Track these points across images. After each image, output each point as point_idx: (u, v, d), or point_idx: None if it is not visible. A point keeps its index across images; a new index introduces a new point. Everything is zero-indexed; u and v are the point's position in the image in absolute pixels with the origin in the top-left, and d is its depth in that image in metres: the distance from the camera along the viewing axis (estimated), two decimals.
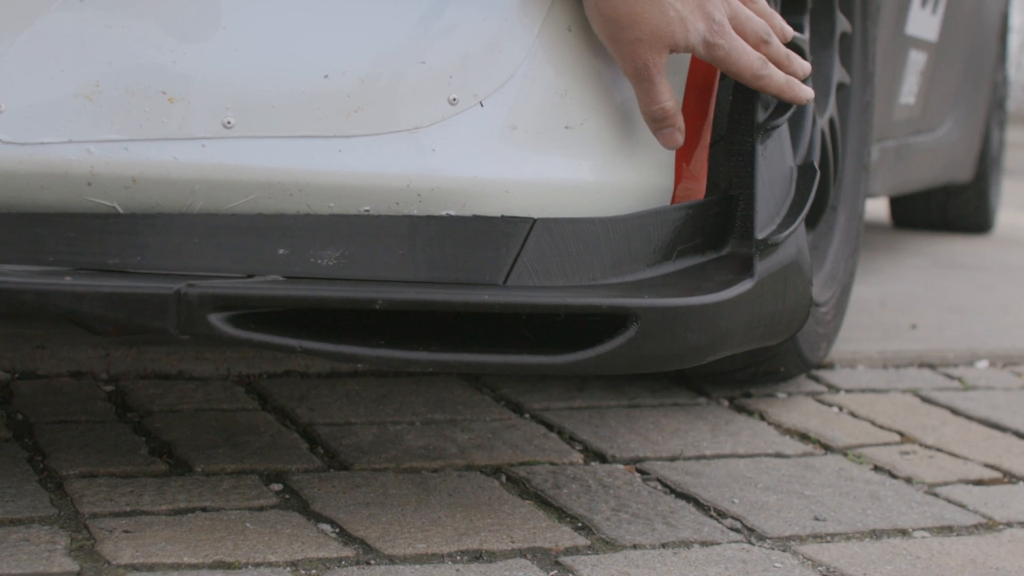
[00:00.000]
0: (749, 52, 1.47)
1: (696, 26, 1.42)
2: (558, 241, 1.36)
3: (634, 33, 1.40)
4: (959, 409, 2.07)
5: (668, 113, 1.44)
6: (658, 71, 1.42)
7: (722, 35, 1.45)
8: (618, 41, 1.41)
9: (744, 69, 1.47)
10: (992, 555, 1.46)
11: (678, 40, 1.42)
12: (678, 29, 1.41)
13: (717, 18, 1.44)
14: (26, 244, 1.27)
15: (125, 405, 1.78)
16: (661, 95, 1.43)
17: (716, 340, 1.38)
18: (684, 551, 1.40)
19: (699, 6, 1.43)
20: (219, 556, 1.28)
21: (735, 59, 1.46)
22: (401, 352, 1.27)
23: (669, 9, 1.41)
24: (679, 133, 1.45)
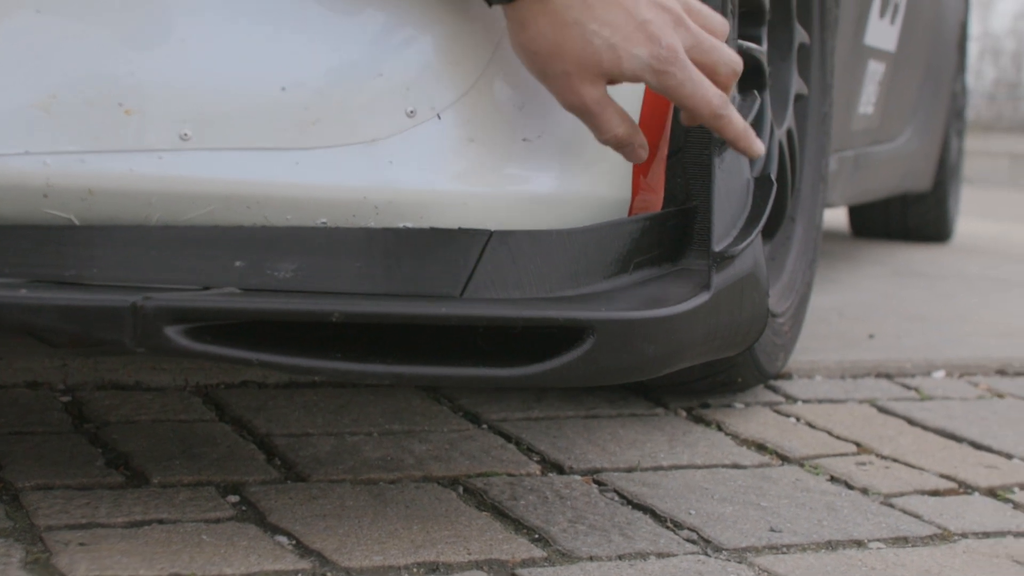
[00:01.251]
0: (708, 86, 1.36)
1: (633, 52, 1.32)
2: (515, 253, 1.36)
3: (560, 66, 1.32)
4: (916, 419, 2.08)
5: (622, 140, 1.37)
6: (597, 102, 1.34)
7: (674, 63, 1.34)
8: (547, 76, 1.34)
9: (701, 104, 1.36)
10: (947, 566, 1.46)
11: (609, 68, 1.33)
12: (606, 57, 1.32)
13: (666, 43, 1.33)
14: None
15: (82, 416, 1.77)
16: (609, 124, 1.36)
17: (673, 352, 1.38)
18: (640, 563, 1.40)
19: (639, 29, 1.33)
20: (175, 569, 1.28)
21: (690, 91, 1.35)
22: (357, 365, 1.27)
23: (594, 37, 1.32)
24: (641, 149, 1.40)
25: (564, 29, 1.31)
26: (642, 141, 1.40)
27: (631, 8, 1.33)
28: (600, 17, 1.31)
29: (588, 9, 1.31)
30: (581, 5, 1.31)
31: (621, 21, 1.32)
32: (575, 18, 1.31)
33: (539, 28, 1.31)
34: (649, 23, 1.33)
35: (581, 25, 1.31)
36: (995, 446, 1.97)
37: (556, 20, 1.31)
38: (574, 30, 1.31)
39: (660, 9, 1.34)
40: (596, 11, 1.31)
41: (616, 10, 1.32)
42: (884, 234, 4.82)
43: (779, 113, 2.10)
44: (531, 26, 1.31)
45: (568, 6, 1.31)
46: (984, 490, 1.76)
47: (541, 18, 1.31)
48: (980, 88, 21.99)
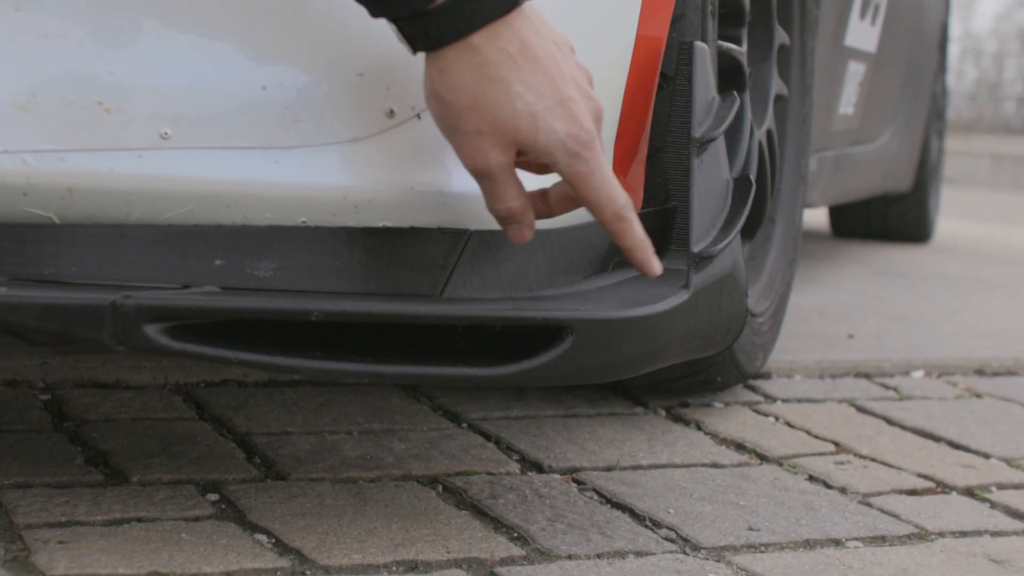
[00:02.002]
0: (616, 183, 1.29)
1: (552, 126, 1.24)
2: (494, 253, 1.37)
3: (475, 124, 1.25)
4: (894, 419, 2.09)
5: (514, 213, 1.30)
6: (502, 169, 1.27)
7: (590, 148, 1.26)
8: (457, 131, 1.26)
9: (606, 200, 1.28)
10: (924, 565, 1.47)
11: (525, 138, 1.25)
12: (525, 125, 1.24)
13: (586, 126, 1.26)
14: None
15: (61, 414, 1.77)
16: (506, 196, 1.29)
17: (652, 352, 1.39)
18: (619, 561, 1.41)
19: (562, 104, 1.25)
20: (154, 567, 1.28)
21: (598, 183, 1.27)
22: (337, 363, 1.27)
23: (518, 100, 1.24)
24: (528, 230, 1.31)
25: (489, 85, 1.24)
26: (531, 220, 1.31)
27: (557, 80, 1.26)
28: (527, 80, 1.24)
29: (516, 69, 1.24)
30: (510, 63, 1.24)
31: (547, 91, 1.25)
32: (502, 75, 1.24)
33: (462, 79, 1.24)
34: (572, 101, 1.26)
35: (507, 84, 1.24)
36: (973, 446, 1.98)
37: (482, 74, 1.24)
38: (499, 87, 1.24)
39: (581, 93, 1.27)
40: (524, 73, 1.24)
41: (543, 78, 1.25)
42: (865, 234, 4.83)
43: (759, 114, 2.11)
44: (453, 76, 1.24)
45: (498, 62, 1.23)
46: (962, 489, 1.77)
47: (466, 69, 1.24)
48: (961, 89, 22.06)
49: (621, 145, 1.52)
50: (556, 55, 1.27)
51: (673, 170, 1.54)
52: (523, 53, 1.24)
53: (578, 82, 1.28)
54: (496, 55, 1.23)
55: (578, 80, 1.28)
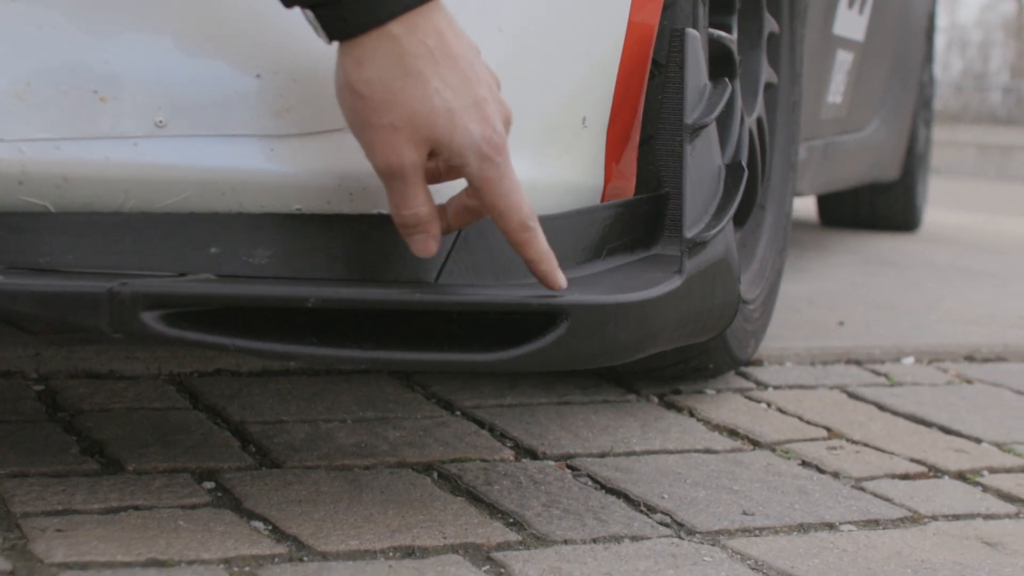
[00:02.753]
0: (522, 192, 1.26)
1: (468, 126, 1.21)
2: (489, 239, 1.37)
3: (389, 118, 1.21)
4: (886, 405, 2.10)
5: (422, 220, 1.26)
6: (414, 168, 1.23)
7: (502, 153, 1.23)
8: (369, 126, 1.22)
9: (513, 208, 1.25)
10: (918, 548, 1.48)
11: (441, 136, 1.21)
12: (442, 122, 1.21)
13: (499, 129, 1.23)
14: None
15: (55, 404, 1.78)
16: (416, 199, 1.25)
17: (646, 337, 1.39)
18: (615, 546, 1.41)
19: (477, 105, 1.22)
20: (152, 554, 1.29)
21: (506, 190, 1.24)
22: (333, 350, 1.27)
23: (435, 96, 1.21)
24: (434, 241, 1.27)
25: (406, 78, 1.20)
26: (437, 232, 1.28)
27: (472, 80, 1.23)
28: (444, 76, 1.21)
29: (434, 64, 1.21)
30: (428, 57, 1.21)
31: (463, 89, 1.22)
32: (420, 69, 1.21)
33: (378, 70, 1.21)
34: (486, 102, 1.23)
35: (425, 79, 1.21)
36: (964, 431, 1.99)
37: (399, 66, 1.20)
38: (417, 82, 1.20)
39: (493, 95, 1.25)
40: (441, 69, 1.21)
41: (459, 75, 1.22)
42: (853, 223, 4.84)
43: (749, 101, 2.12)
44: (369, 66, 1.21)
45: (416, 55, 1.20)
46: (954, 474, 1.77)
47: (384, 60, 1.20)
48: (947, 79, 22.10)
49: (614, 132, 1.53)
50: (470, 54, 1.24)
51: (665, 156, 1.54)
52: (441, 48, 1.21)
53: (490, 84, 1.25)
54: (415, 47, 1.20)
55: (489, 83, 1.25)
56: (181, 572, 1.26)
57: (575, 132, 1.48)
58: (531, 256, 1.29)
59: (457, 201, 1.31)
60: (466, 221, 1.32)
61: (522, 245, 1.28)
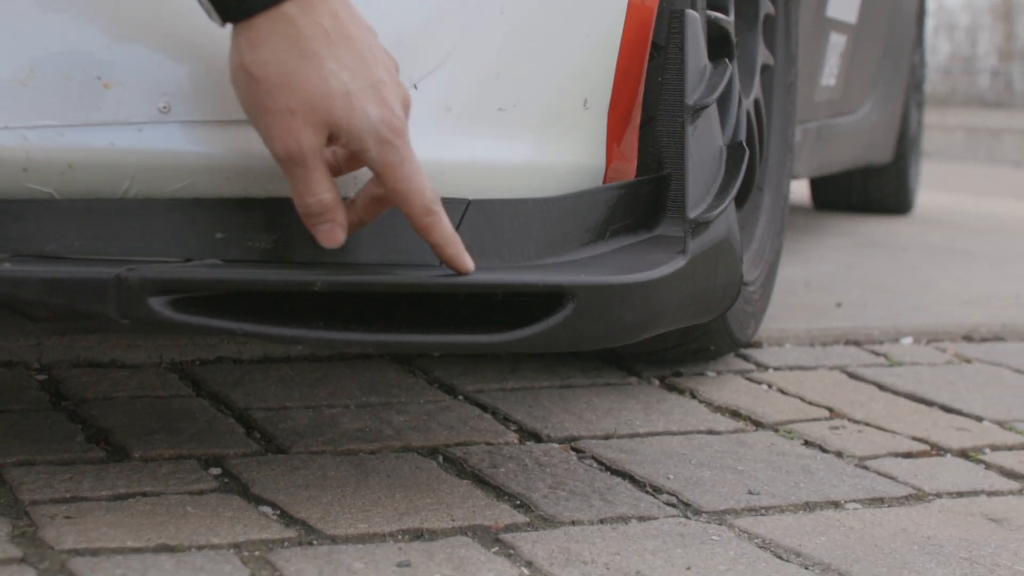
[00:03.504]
0: (424, 176, 1.23)
1: (366, 109, 1.19)
2: (493, 222, 1.37)
3: (286, 102, 1.18)
4: (886, 385, 2.11)
5: (327, 207, 1.23)
6: (314, 153, 1.20)
7: (401, 136, 1.21)
8: (266, 110, 1.19)
9: (415, 192, 1.22)
10: (923, 525, 1.48)
11: (337, 119, 1.19)
12: (339, 104, 1.18)
13: (397, 112, 1.20)
14: None
15: (59, 393, 1.78)
16: (319, 185, 1.22)
17: (650, 317, 1.39)
18: (622, 526, 1.42)
19: (374, 87, 1.19)
20: (162, 540, 1.29)
21: (408, 174, 1.21)
22: (340, 333, 1.27)
23: (332, 78, 1.18)
24: (340, 230, 1.25)
25: (302, 60, 1.18)
26: (343, 220, 1.25)
27: (370, 61, 1.21)
28: (341, 58, 1.19)
29: (331, 45, 1.19)
30: (324, 38, 1.18)
31: (360, 71, 1.20)
32: (316, 50, 1.18)
33: (274, 52, 1.18)
34: (384, 85, 1.21)
35: (321, 60, 1.18)
36: (965, 409, 1.99)
37: (295, 48, 1.18)
38: (312, 63, 1.18)
39: (392, 78, 1.23)
40: (338, 50, 1.19)
41: (356, 57, 1.20)
42: (846, 206, 4.84)
43: (746, 83, 2.12)
44: (264, 48, 1.18)
45: (312, 36, 1.18)
46: (956, 452, 1.78)
47: (279, 41, 1.18)
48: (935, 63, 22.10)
49: (615, 114, 1.53)
50: (367, 36, 1.22)
51: (666, 138, 1.54)
52: (337, 29, 1.19)
53: (388, 67, 1.23)
54: (310, 28, 1.18)
55: (388, 65, 1.23)
56: (192, 557, 1.26)
57: (576, 114, 1.48)
58: (436, 240, 1.25)
59: (365, 192, 1.28)
60: (377, 212, 1.29)
61: (426, 229, 1.25)
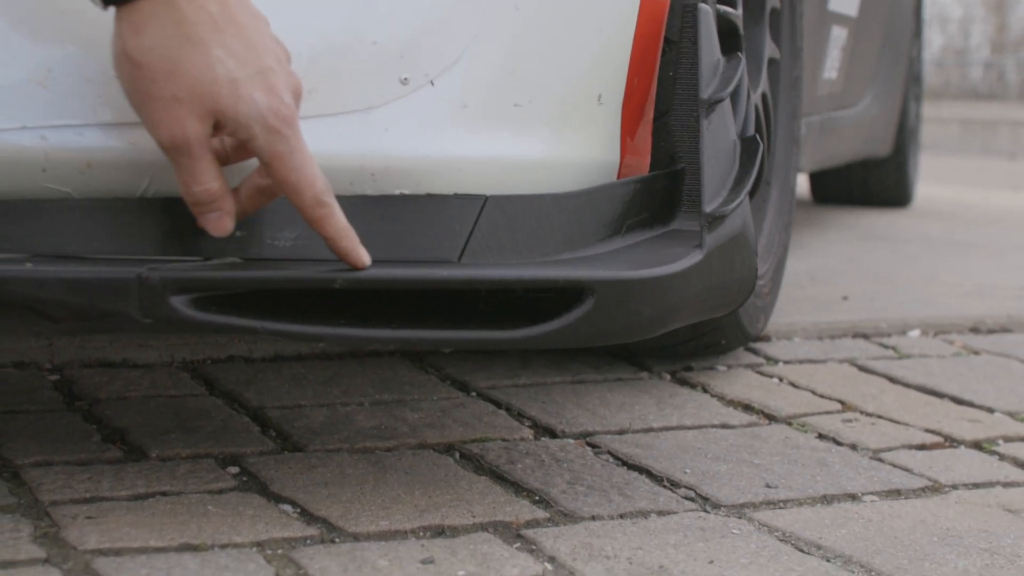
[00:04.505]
0: (316, 167, 1.20)
1: (253, 97, 1.16)
2: (510, 218, 1.37)
3: (171, 89, 1.15)
4: (896, 377, 2.11)
5: (214, 195, 1.21)
6: (200, 142, 1.18)
7: (291, 125, 1.18)
8: (150, 98, 1.16)
9: (306, 182, 1.20)
10: (941, 516, 1.49)
11: (224, 107, 1.16)
12: (226, 91, 1.15)
13: (287, 100, 1.18)
14: None
15: (72, 394, 1.77)
16: (205, 175, 1.20)
17: (669, 312, 1.39)
18: (642, 521, 1.42)
19: (262, 75, 1.17)
20: (185, 539, 1.29)
21: (298, 164, 1.19)
22: (362, 330, 1.27)
23: (218, 65, 1.15)
24: (228, 219, 1.23)
25: (187, 46, 1.15)
26: (231, 209, 1.23)
27: (259, 48, 1.18)
28: (228, 44, 1.16)
29: (217, 31, 1.16)
30: (210, 24, 1.16)
31: (248, 58, 1.17)
32: (202, 36, 1.15)
33: (157, 38, 1.15)
34: (273, 72, 1.18)
35: (207, 47, 1.15)
36: (976, 401, 1.99)
37: (180, 33, 1.15)
38: (199, 50, 1.15)
39: (281, 66, 1.20)
40: (224, 36, 1.16)
41: (244, 44, 1.17)
42: (846, 200, 4.84)
43: (754, 77, 2.12)
44: (148, 34, 1.15)
45: (197, 21, 1.15)
46: (969, 443, 1.78)
47: (163, 27, 1.15)
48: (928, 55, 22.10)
49: (629, 108, 1.53)
50: (256, 23, 1.19)
51: (681, 132, 1.54)
52: (223, 15, 1.16)
53: (277, 55, 1.20)
54: (195, 13, 1.15)
55: (277, 53, 1.21)
56: (215, 556, 1.26)
57: (591, 109, 1.48)
58: (329, 233, 1.23)
59: (249, 182, 1.26)
60: (260, 203, 1.27)
61: (318, 222, 1.22)
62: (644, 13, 1.53)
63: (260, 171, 1.25)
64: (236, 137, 1.21)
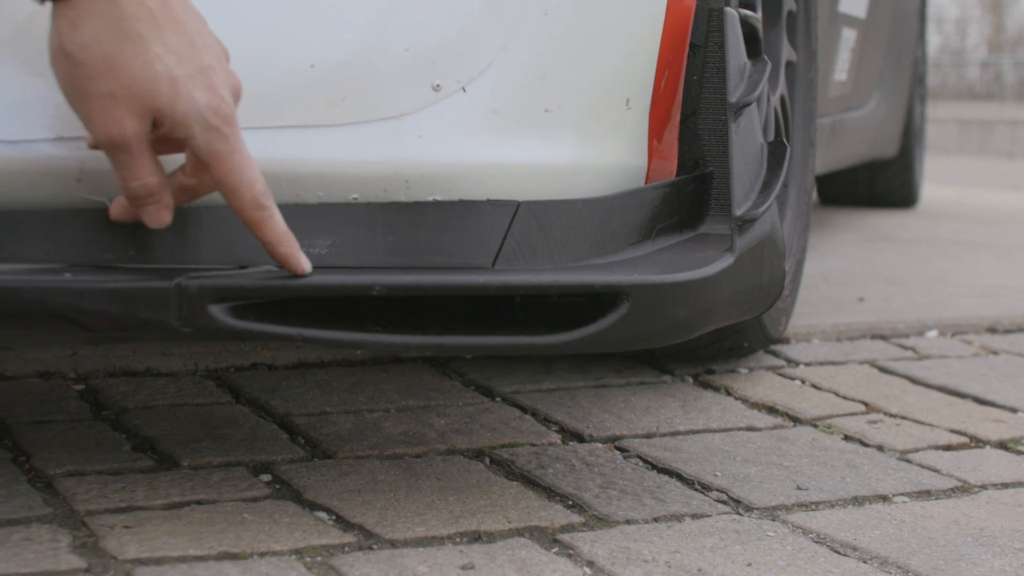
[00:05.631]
0: (256, 169, 1.19)
1: (193, 95, 1.14)
2: (543, 223, 1.37)
3: (108, 86, 1.13)
4: (917, 378, 2.11)
5: (152, 190, 1.19)
6: (138, 139, 1.16)
7: (231, 124, 1.16)
8: (87, 95, 1.14)
9: (245, 184, 1.18)
10: (973, 516, 1.49)
11: (163, 104, 1.14)
12: (164, 89, 1.13)
13: (227, 99, 1.17)
14: (18, 242, 1.26)
15: (98, 403, 1.77)
16: (144, 170, 1.18)
17: (702, 315, 1.40)
18: (677, 524, 1.42)
19: (202, 73, 1.15)
20: (223, 547, 1.29)
21: (237, 165, 1.17)
22: (400, 337, 1.27)
23: (157, 62, 1.13)
24: (167, 211, 1.21)
25: (125, 42, 1.13)
26: (170, 202, 1.21)
27: (199, 46, 1.16)
28: (167, 41, 1.14)
29: (156, 28, 1.14)
30: (150, 20, 1.14)
31: (188, 56, 1.15)
32: (141, 33, 1.13)
33: (95, 34, 1.13)
34: (213, 71, 1.16)
35: (146, 44, 1.13)
36: (998, 401, 1.99)
37: (118, 30, 1.13)
38: (137, 47, 1.13)
39: (221, 64, 1.19)
40: (164, 33, 1.14)
41: (184, 41, 1.15)
42: (851, 201, 4.85)
43: (773, 79, 2.12)
44: (86, 29, 1.13)
45: (137, 17, 1.13)
46: (995, 443, 1.78)
47: (101, 23, 1.13)
48: None
49: (656, 113, 1.53)
50: (196, 21, 1.18)
51: (708, 136, 1.54)
52: (163, 11, 1.14)
53: (217, 54, 1.19)
54: (135, 9, 1.13)
55: (217, 52, 1.19)
56: (256, 564, 1.26)
57: (619, 114, 1.48)
58: (268, 238, 1.21)
59: (173, 180, 1.23)
60: (181, 201, 1.24)
61: (256, 225, 1.20)
62: (670, 17, 1.53)
63: (184, 170, 1.23)
64: (174, 135, 1.18)
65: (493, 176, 1.36)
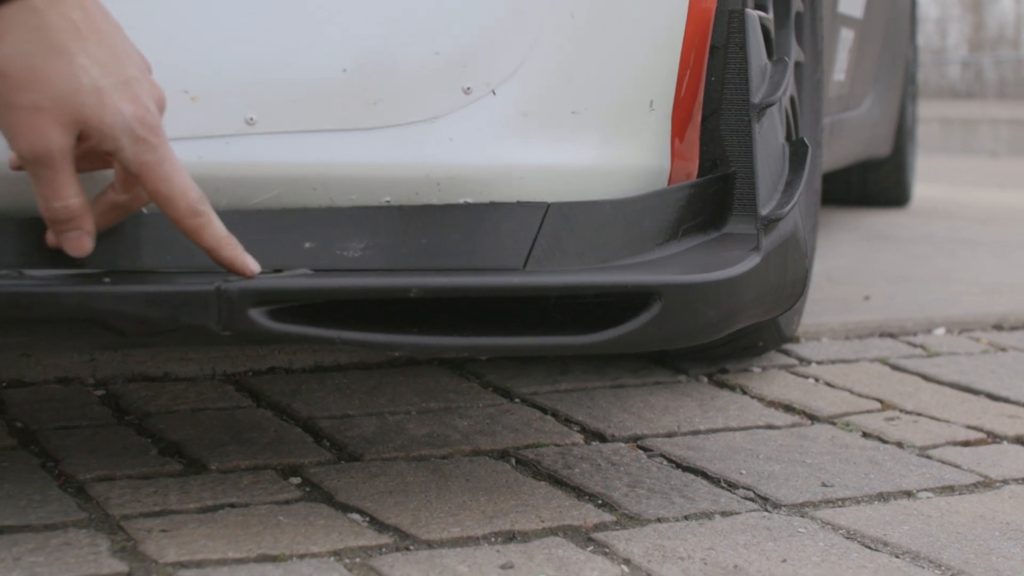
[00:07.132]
0: (187, 177, 1.18)
1: (119, 106, 1.13)
2: (572, 224, 1.38)
3: (32, 98, 1.11)
4: (929, 375, 2.12)
5: (74, 213, 1.17)
6: (62, 153, 1.13)
7: (159, 134, 1.15)
8: (9, 107, 1.11)
9: (179, 192, 1.17)
10: (998, 511, 1.50)
11: (88, 116, 1.12)
12: (90, 101, 1.12)
13: (152, 109, 1.15)
14: (55, 248, 1.27)
15: (120, 408, 1.78)
16: (66, 189, 1.15)
17: (730, 314, 1.41)
18: (708, 522, 1.43)
19: (127, 84, 1.14)
20: (262, 550, 1.29)
21: (167, 174, 1.16)
22: (436, 339, 1.28)
23: (82, 74, 1.11)
24: (88, 238, 1.19)
25: (49, 53, 1.11)
26: (91, 228, 1.20)
27: (122, 57, 1.15)
28: (92, 53, 1.13)
29: (80, 39, 1.12)
30: (74, 31, 1.12)
31: (112, 67, 1.14)
32: (65, 44, 1.12)
33: (19, 45, 1.11)
34: (137, 82, 1.15)
35: (71, 55, 1.12)
36: (1012, 396, 2.01)
37: (43, 40, 1.11)
38: (61, 58, 1.11)
39: (144, 75, 1.18)
40: (88, 44, 1.13)
41: (108, 52, 1.14)
42: (845, 200, 4.87)
43: None
44: (9, 41, 1.11)
45: (60, 28, 1.11)
46: (1012, 438, 1.80)
47: (25, 33, 1.11)
48: None
49: (678, 114, 1.54)
50: (118, 33, 1.17)
51: (730, 136, 1.55)
52: (87, 23, 1.13)
53: (140, 65, 1.18)
54: (58, 20, 1.12)
55: (139, 63, 1.18)
56: (296, 566, 1.26)
57: (643, 116, 1.49)
58: (208, 244, 1.20)
59: (103, 199, 1.23)
60: (113, 219, 1.24)
61: (195, 232, 1.19)
62: (692, 19, 1.54)
63: (115, 187, 1.22)
64: (101, 148, 1.16)
65: (522, 178, 1.37)
